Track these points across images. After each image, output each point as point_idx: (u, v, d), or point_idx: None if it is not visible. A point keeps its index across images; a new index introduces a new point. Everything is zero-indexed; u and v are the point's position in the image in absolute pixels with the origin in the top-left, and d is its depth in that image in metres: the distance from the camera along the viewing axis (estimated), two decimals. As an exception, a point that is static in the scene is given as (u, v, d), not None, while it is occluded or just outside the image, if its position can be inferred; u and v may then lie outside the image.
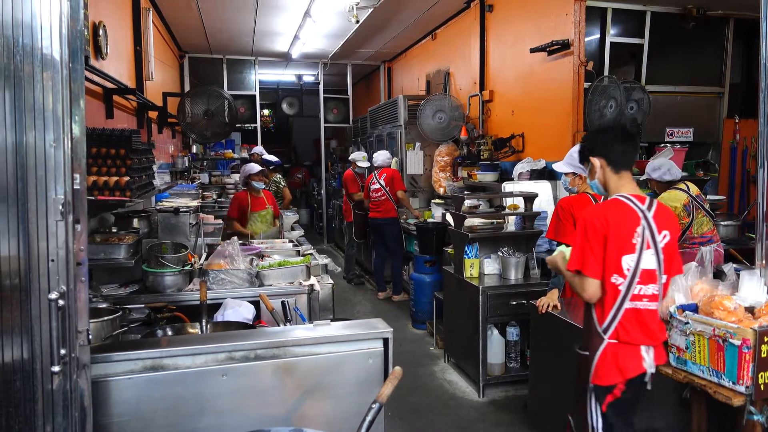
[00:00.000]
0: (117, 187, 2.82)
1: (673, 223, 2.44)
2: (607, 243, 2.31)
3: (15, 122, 1.55)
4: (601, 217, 2.34)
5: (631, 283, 2.32)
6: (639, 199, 2.39)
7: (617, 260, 2.31)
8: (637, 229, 2.33)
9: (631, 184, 2.46)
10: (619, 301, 2.32)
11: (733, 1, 5.34)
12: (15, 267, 1.57)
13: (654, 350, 2.35)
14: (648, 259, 2.33)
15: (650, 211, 2.37)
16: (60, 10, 1.58)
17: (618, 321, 2.33)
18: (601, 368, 2.35)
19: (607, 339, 2.34)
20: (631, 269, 2.31)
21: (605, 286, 2.34)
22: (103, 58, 4.16)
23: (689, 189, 4.37)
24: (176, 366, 1.94)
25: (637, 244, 2.32)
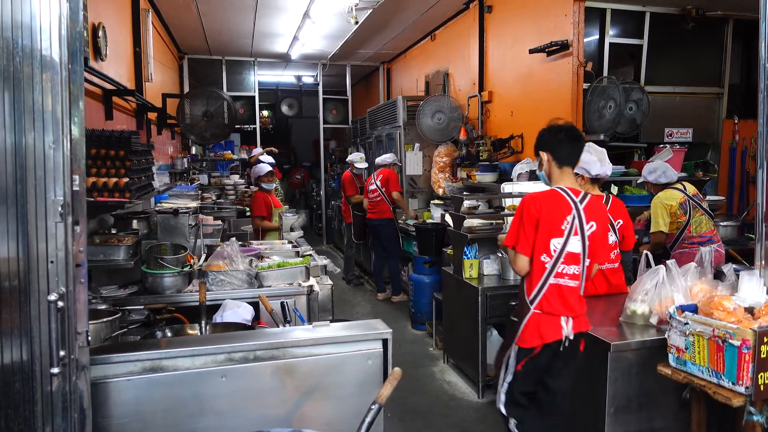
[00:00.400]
0: (116, 188, 2.82)
1: (601, 216, 2.76)
2: (539, 226, 2.66)
3: (14, 123, 1.55)
4: (537, 204, 2.68)
5: (556, 263, 2.65)
6: (574, 192, 2.72)
7: (546, 242, 2.65)
8: (567, 217, 2.66)
9: (571, 178, 2.79)
10: (545, 277, 2.66)
11: (733, 2, 5.34)
12: (14, 268, 1.57)
13: (573, 320, 2.66)
14: (574, 243, 2.67)
15: (582, 203, 2.70)
16: (59, 12, 1.58)
17: (543, 294, 2.66)
18: (525, 333, 2.68)
19: (533, 309, 2.68)
20: (558, 251, 2.66)
21: (534, 263, 2.68)
22: (103, 60, 4.16)
23: (686, 189, 4.37)
24: (176, 367, 1.94)
25: (566, 230, 2.66)
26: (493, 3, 6.42)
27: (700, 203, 4.36)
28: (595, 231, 2.71)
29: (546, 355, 2.67)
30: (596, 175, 3.46)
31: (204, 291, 2.79)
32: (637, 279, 2.98)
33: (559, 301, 2.66)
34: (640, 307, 2.90)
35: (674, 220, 4.31)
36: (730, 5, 5.44)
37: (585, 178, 3.50)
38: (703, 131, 5.79)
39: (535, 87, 5.57)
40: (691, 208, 4.30)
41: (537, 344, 2.65)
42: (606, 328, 2.93)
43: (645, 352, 2.72)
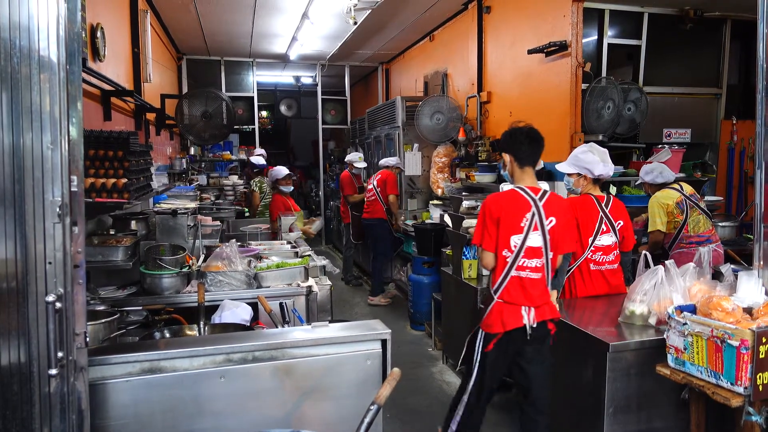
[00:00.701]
0: (115, 189, 2.81)
1: (561, 211, 2.95)
2: (500, 224, 2.89)
3: (12, 124, 1.55)
4: (497, 204, 2.92)
5: (517, 257, 2.87)
6: (533, 190, 2.93)
7: (507, 239, 2.88)
8: (526, 215, 2.87)
9: (531, 178, 3.00)
10: (506, 270, 2.88)
11: (731, 3, 5.35)
12: (12, 270, 1.56)
13: (535, 310, 2.86)
14: (534, 238, 2.87)
15: (541, 201, 2.90)
16: (57, 12, 1.57)
17: (505, 285, 2.89)
18: (489, 319, 2.91)
19: (496, 298, 2.91)
20: (518, 246, 2.87)
21: (498, 258, 2.91)
22: (101, 60, 4.15)
23: (683, 188, 4.38)
24: (174, 368, 1.93)
25: (525, 226, 2.87)
26: (491, 4, 6.43)
27: (698, 203, 4.36)
28: (555, 225, 2.91)
29: (511, 341, 2.88)
30: (599, 175, 3.46)
31: (203, 292, 2.79)
32: (636, 279, 2.98)
33: (520, 292, 2.87)
34: (639, 308, 2.90)
35: (671, 219, 4.32)
36: (728, 6, 5.45)
37: (587, 178, 3.50)
38: (702, 132, 5.79)
39: (533, 87, 5.57)
40: (688, 207, 4.30)
41: (499, 330, 2.87)
42: (605, 328, 2.93)
43: (644, 353, 2.72)
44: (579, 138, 4.87)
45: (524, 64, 5.66)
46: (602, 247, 3.45)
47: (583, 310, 3.33)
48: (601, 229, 3.43)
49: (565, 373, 3.10)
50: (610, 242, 3.45)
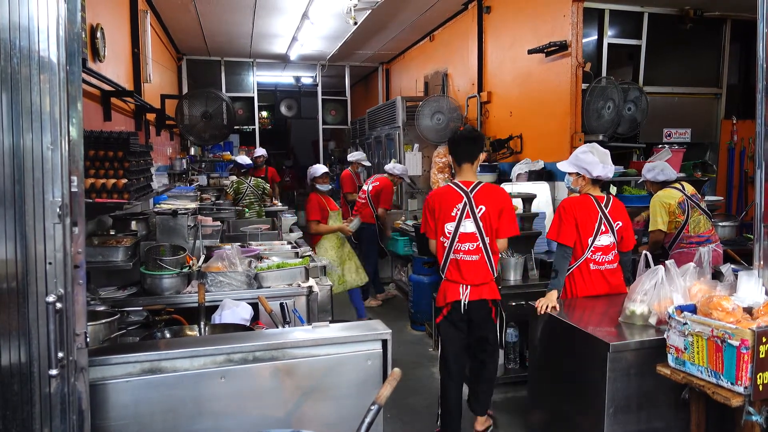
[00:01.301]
0: (115, 189, 2.81)
1: (492, 199, 3.35)
2: (436, 215, 3.41)
3: (12, 125, 1.55)
4: (433, 198, 3.46)
5: (452, 242, 3.35)
6: (466, 184, 3.39)
7: (442, 227, 3.39)
8: (457, 205, 3.33)
9: (468, 173, 3.45)
10: (446, 254, 3.39)
11: (731, 3, 5.35)
12: (12, 270, 1.56)
13: (470, 288, 3.34)
14: (467, 225, 3.33)
15: (472, 192, 3.35)
16: (57, 13, 1.57)
17: (447, 267, 3.40)
18: (438, 295, 3.49)
19: (443, 277, 3.44)
20: (452, 232, 3.35)
21: (438, 244, 3.43)
22: (101, 61, 4.15)
23: (684, 188, 4.38)
24: (174, 368, 1.93)
25: (456, 215, 3.33)
26: (491, 4, 6.43)
27: (699, 203, 4.37)
28: (485, 212, 3.33)
29: (454, 311, 3.40)
30: (597, 176, 3.46)
31: (203, 292, 2.79)
32: (636, 279, 2.98)
33: (457, 272, 3.36)
34: (639, 308, 2.90)
35: (672, 219, 4.32)
36: (728, 6, 5.45)
37: (586, 178, 3.50)
38: (702, 131, 5.80)
39: (533, 87, 5.57)
40: (690, 207, 4.31)
41: (442, 303, 3.44)
42: (605, 328, 2.93)
43: (644, 353, 2.72)
44: (579, 138, 4.87)
45: (524, 64, 5.66)
46: (602, 247, 3.45)
47: (583, 310, 3.32)
48: (601, 229, 3.43)
49: (566, 373, 3.10)
50: (608, 242, 3.45)
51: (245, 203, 6.97)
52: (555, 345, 3.22)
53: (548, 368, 3.34)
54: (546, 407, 3.40)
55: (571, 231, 3.38)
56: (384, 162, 8.26)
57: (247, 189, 7.04)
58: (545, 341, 3.34)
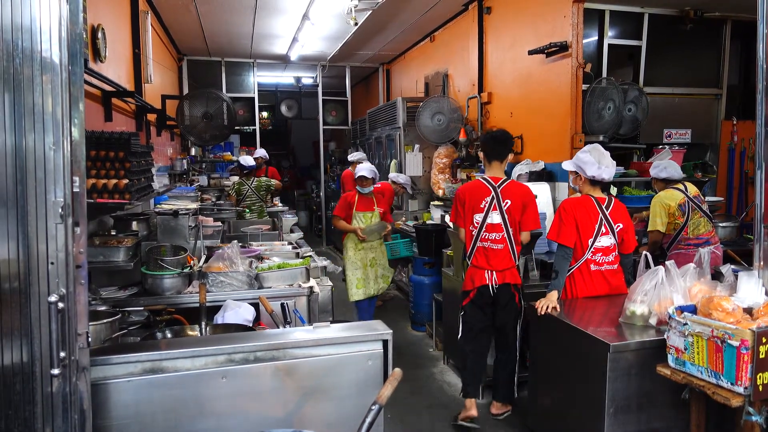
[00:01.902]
0: (116, 189, 2.82)
1: (517, 195, 3.70)
2: (466, 207, 3.77)
3: (14, 125, 1.56)
4: (464, 191, 3.81)
5: (480, 231, 3.71)
6: (494, 180, 3.75)
7: (471, 217, 3.75)
8: (486, 198, 3.70)
9: (496, 170, 3.81)
10: (473, 242, 3.75)
11: (731, 3, 5.35)
12: (15, 270, 1.57)
13: (497, 274, 3.69)
14: (494, 216, 3.68)
15: (500, 187, 3.71)
16: (59, 14, 1.58)
17: (473, 254, 3.76)
18: (466, 280, 3.84)
19: (469, 264, 3.79)
20: (480, 222, 3.71)
21: (466, 233, 3.80)
22: (102, 61, 4.16)
23: (687, 189, 4.38)
24: (176, 368, 1.94)
25: (485, 207, 3.69)
26: (492, 4, 6.43)
27: (701, 205, 4.36)
28: (511, 206, 3.67)
29: (479, 295, 3.73)
30: (591, 176, 3.46)
31: (204, 292, 2.79)
32: (637, 280, 2.99)
33: (484, 259, 3.71)
34: (640, 308, 2.91)
35: (672, 221, 4.32)
36: (728, 6, 5.45)
37: (583, 178, 3.50)
38: (702, 132, 5.80)
39: (534, 88, 5.58)
40: (690, 210, 4.31)
41: (470, 288, 3.76)
42: (605, 328, 2.94)
43: (644, 353, 2.72)
44: (579, 139, 4.88)
45: (525, 65, 5.66)
46: (602, 248, 3.45)
47: (583, 311, 3.33)
48: (601, 230, 3.44)
49: (566, 374, 3.11)
50: (609, 244, 3.46)
51: (246, 204, 6.98)
52: (555, 345, 3.23)
53: (549, 368, 3.35)
54: (546, 407, 3.41)
55: (571, 231, 3.39)
56: (385, 163, 8.27)
57: (248, 190, 7.04)
58: (546, 342, 3.35)
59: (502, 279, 3.69)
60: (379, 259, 5.65)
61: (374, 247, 5.63)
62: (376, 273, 5.61)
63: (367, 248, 5.59)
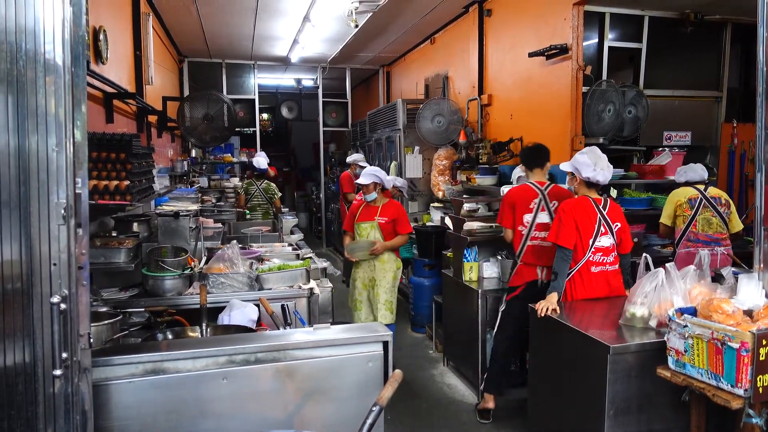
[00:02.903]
0: (117, 191, 2.82)
1: (561, 198, 3.84)
2: (515, 208, 3.99)
3: (18, 127, 1.56)
4: (513, 195, 4.05)
5: (530, 231, 3.93)
6: (540, 183, 4.02)
7: (520, 218, 3.97)
8: (534, 200, 3.95)
9: (539, 175, 4.09)
10: (524, 240, 3.95)
11: (731, 6, 5.36)
12: (17, 271, 1.57)
13: (546, 270, 3.83)
14: (542, 216, 3.91)
15: (546, 189, 3.97)
16: (63, 16, 1.59)
17: (523, 252, 3.94)
18: (514, 276, 4.00)
19: (519, 261, 3.97)
20: (529, 222, 3.93)
21: (515, 233, 4.01)
22: (104, 63, 4.17)
23: (705, 189, 4.39)
24: (177, 369, 1.94)
25: (534, 208, 3.94)
26: (492, 7, 6.44)
27: (716, 206, 4.36)
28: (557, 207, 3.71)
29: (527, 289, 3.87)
30: (586, 177, 3.48)
31: (205, 293, 2.80)
32: (637, 282, 2.99)
33: (534, 256, 3.89)
34: (640, 310, 2.91)
35: (680, 214, 4.35)
36: (728, 9, 5.46)
37: (578, 179, 3.54)
38: (702, 135, 5.80)
39: (534, 90, 5.58)
40: (701, 205, 4.32)
41: (519, 283, 3.94)
42: (605, 330, 2.94)
43: (644, 355, 2.72)
44: (579, 141, 4.88)
45: (525, 67, 5.67)
46: (602, 248, 3.46)
47: (583, 313, 3.33)
48: (600, 230, 3.45)
49: (566, 376, 3.11)
50: (608, 244, 3.47)
51: (253, 204, 7.03)
52: (556, 347, 3.23)
53: (549, 370, 3.35)
54: (547, 409, 3.41)
55: (571, 233, 3.40)
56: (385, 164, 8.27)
57: (256, 191, 7.09)
58: (546, 344, 3.35)
59: (549, 275, 3.76)
60: (380, 280, 4.75)
61: (373, 267, 4.80)
62: (377, 298, 4.76)
63: (365, 266, 4.86)
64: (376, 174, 4.79)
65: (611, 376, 2.71)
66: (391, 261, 4.75)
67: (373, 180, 4.74)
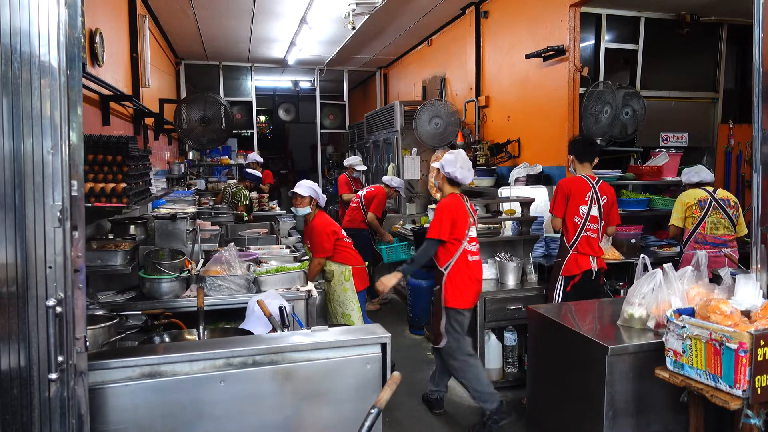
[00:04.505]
0: (114, 193, 2.81)
1: (608, 193, 4.09)
2: (569, 199, 4.04)
3: (12, 129, 1.55)
4: (569, 185, 4.08)
5: (585, 222, 4.02)
6: (591, 177, 4.10)
7: (576, 208, 4.03)
8: (588, 192, 4.04)
9: (588, 169, 4.16)
10: (578, 231, 4.03)
11: (727, 8, 5.38)
12: (12, 274, 1.56)
13: (597, 259, 4.04)
14: (594, 209, 4.03)
15: (597, 184, 4.07)
16: (58, 18, 1.58)
17: (578, 241, 4.03)
18: (569, 265, 4.05)
19: (571, 251, 4.05)
20: (585, 214, 4.03)
21: (568, 223, 4.06)
22: (100, 65, 4.16)
23: (714, 191, 4.40)
24: (174, 372, 1.93)
25: (588, 200, 4.03)
26: (489, 8, 6.45)
27: (725, 208, 4.37)
28: (606, 202, 4.06)
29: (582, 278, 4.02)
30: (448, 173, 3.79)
31: (202, 296, 2.78)
32: (635, 283, 2.99)
33: (588, 246, 4.03)
34: (638, 311, 2.91)
35: (689, 215, 4.36)
36: (724, 11, 5.48)
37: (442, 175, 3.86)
38: (699, 135, 5.82)
39: (531, 92, 5.59)
40: (711, 207, 4.33)
41: (577, 272, 4.03)
42: (603, 332, 2.94)
43: (642, 356, 2.72)
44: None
45: (522, 69, 5.68)
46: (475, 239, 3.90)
47: (581, 314, 3.33)
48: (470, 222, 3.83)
49: (565, 376, 3.10)
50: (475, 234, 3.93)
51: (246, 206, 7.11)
52: (553, 348, 3.23)
53: (547, 372, 3.34)
54: (545, 411, 3.40)
55: (447, 228, 3.73)
56: (382, 166, 8.28)
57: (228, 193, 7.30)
58: (544, 345, 3.35)
59: (599, 264, 4.06)
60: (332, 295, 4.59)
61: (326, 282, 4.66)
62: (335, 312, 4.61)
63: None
64: (314, 189, 4.48)
65: (609, 377, 2.70)
66: (338, 274, 4.54)
67: (309, 193, 4.43)
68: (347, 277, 4.55)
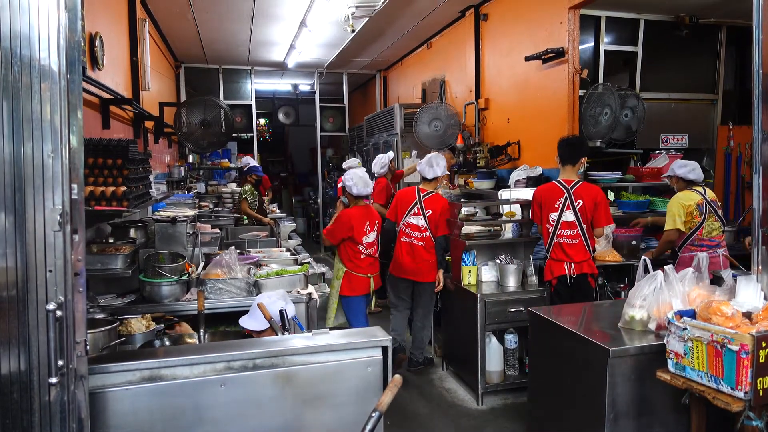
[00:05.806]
0: (114, 197, 2.81)
1: (587, 195, 4.01)
2: (542, 206, 4.12)
3: (13, 133, 1.55)
4: (539, 193, 4.18)
5: (555, 228, 4.06)
6: (567, 182, 4.07)
7: (546, 216, 4.09)
8: (559, 199, 4.03)
9: (569, 173, 4.13)
10: (550, 238, 4.09)
11: (726, 9, 5.38)
12: (12, 278, 1.56)
13: (574, 265, 4.02)
14: (568, 215, 4.01)
15: (572, 188, 4.03)
16: (58, 22, 1.58)
17: (551, 248, 4.10)
18: (545, 270, 4.17)
19: (548, 257, 4.15)
20: (555, 221, 4.05)
21: (543, 230, 4.15)
22: (100, 69, 4.16)
23: (705, 193, 4.40)
24: (174, 376, 1.93)
25: (559, 207, 4.03)
26: (488, 11, 6.46)
27: (717, 210, 4.38)
28: (583, 205, 4.00)
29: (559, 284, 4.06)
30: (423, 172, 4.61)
31: (202, 299, 2.78)
32: (635, 285, 2.98)
33: (561, 252, 4.04)
34: (639, 313, 2.90)
35: (689, 220, 4.35)
36: (723, 12, 5.49)
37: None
38: (699, 137, 5.82)
39: (531, 94, 5.59)
40: (707, 211, 4.33)
41: (549, 278, 4.09)
42: (604, 334, 2.93)
43: (644, 358, 2.71)
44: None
45: (521, 71, 5.68)
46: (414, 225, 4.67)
47: (582, 316, 3.33)
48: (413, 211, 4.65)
49: (566, 378, 3.10)
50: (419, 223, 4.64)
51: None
52: (555, 351, 3.22)
53: (548, 374, 3.34)
54: (546, 413, 3.39)
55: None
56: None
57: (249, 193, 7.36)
58: (545, 347, 3.34)
59: (579, 269, 4.03)
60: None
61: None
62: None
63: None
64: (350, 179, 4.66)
65: (611, 380, 2.69)
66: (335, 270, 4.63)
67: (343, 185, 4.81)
68: (338, 276, 4.59)
